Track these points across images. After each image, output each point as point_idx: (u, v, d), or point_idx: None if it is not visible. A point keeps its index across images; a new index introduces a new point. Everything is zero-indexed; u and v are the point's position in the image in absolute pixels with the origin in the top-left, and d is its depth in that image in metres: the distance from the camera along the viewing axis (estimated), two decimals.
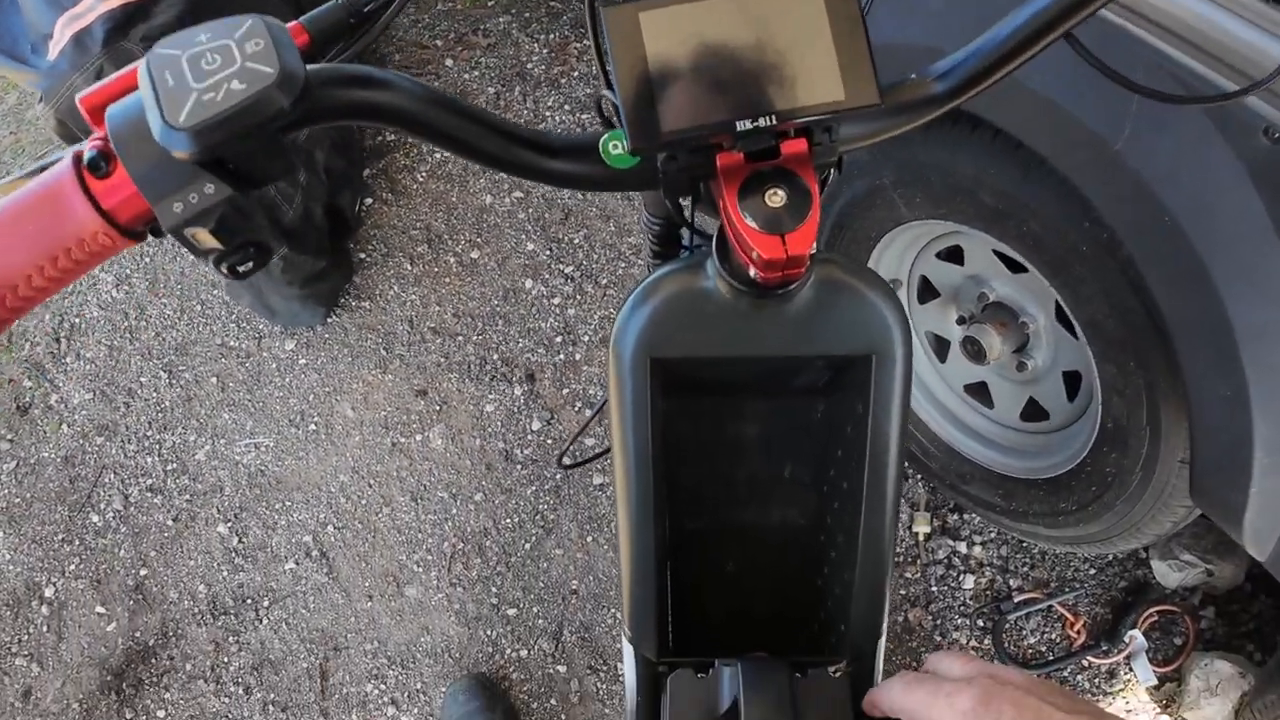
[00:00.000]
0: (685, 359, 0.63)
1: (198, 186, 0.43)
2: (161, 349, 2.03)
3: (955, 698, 0.49)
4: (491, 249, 2.06)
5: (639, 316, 0.63)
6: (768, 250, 0.51)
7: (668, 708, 0.65)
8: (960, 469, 1.51)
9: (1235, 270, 0.81)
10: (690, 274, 0.62)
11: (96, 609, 1.80)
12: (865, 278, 0.63)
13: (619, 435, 0.65)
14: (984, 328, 1.32)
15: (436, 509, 1.80)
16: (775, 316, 0.61)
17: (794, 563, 0.78)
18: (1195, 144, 0.80)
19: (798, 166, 0.50)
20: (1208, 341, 0.86)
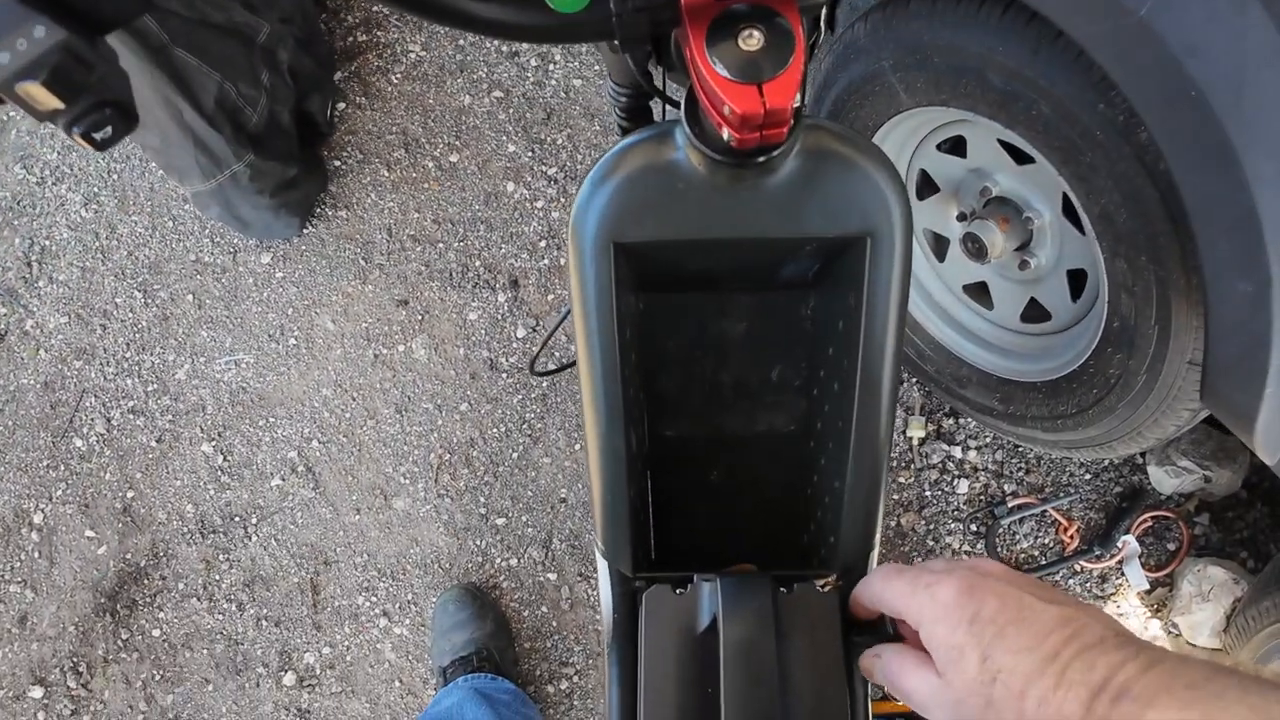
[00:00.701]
0: (653, 243, 0.56)
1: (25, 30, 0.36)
2: (135, 268, 1.96)
3: (936, 589, 0.47)
4: (471, 152, 1.96)
5: (600, 196, 0.55)
6: (742, 103, 0.43)
7: (644, 626, 0.61)
8: (957, 372, 1.46)
9: (1266, 154, 0.73)
10: (657, 145, 0.55)
11: (86, 533, 1.79)
12: (860, 147, 0.55)
13: (582, 332, 0.59)
14: (986, 224, 1.25)
15: (422, 420, 1.76)
16: (755, 191, 0.54)
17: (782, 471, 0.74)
18: (1229, 11, 0.71)
19: (778, 4, 0.43)
20: (1231, 232, 0.79)
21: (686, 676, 0.58)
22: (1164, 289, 0.96)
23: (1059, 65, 0.90)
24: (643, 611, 0.61)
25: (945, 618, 0.46)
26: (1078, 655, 0.42)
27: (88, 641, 1.72)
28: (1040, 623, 0.43)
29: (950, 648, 0.45)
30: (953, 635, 0.45)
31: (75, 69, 0.37)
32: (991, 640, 0.44)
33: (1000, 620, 0.44)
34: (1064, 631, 0.43)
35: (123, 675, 1.70)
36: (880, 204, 0.55)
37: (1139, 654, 0.41)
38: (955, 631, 0.45)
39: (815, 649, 0.58)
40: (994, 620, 0.44)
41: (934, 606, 0.47)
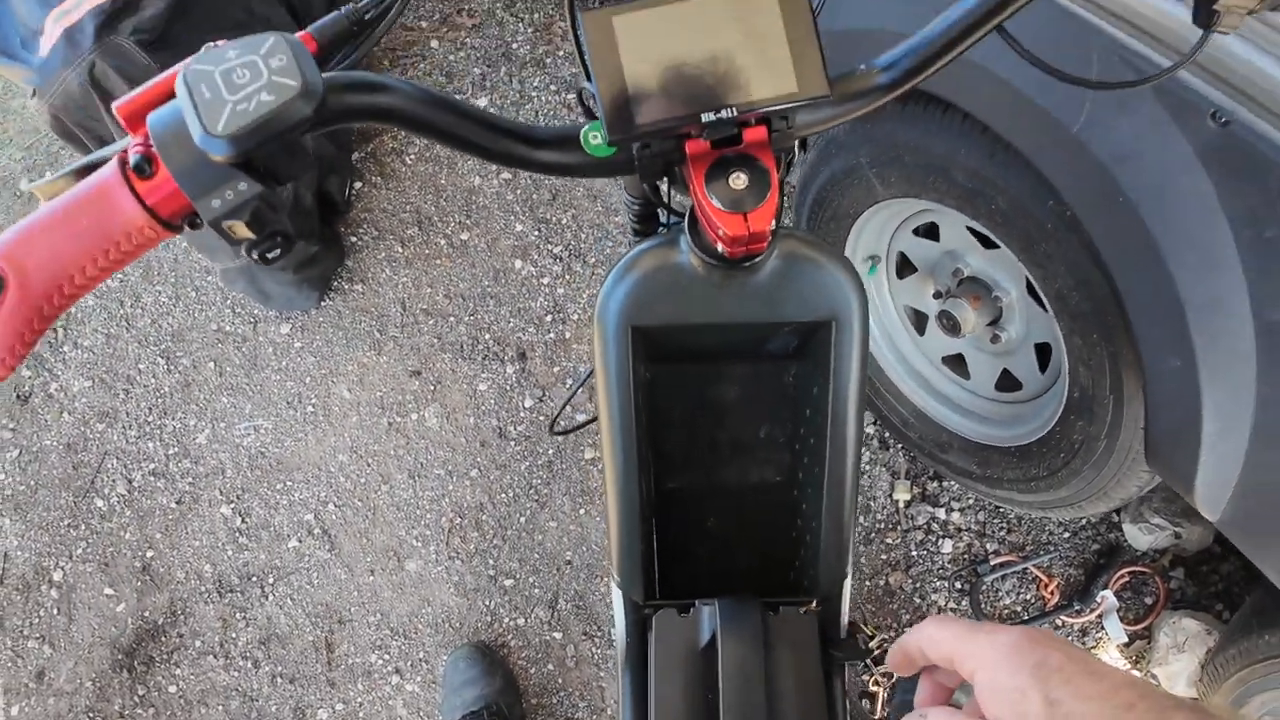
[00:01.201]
0: (663, 327, 0.69)
1: (233, 184, 0.49)
2: (158, 336, 2.06)
3: (997, 634, 0.46)
4: (481, 230, 2.09)
5: (620, 289, 0.69)
6: (732, 227, 0.56)
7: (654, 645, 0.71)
8: (939, 438, 1.56)
9: (1185, 247, 0.85)
10: (666, 249, 0.68)
11: (105, 590, 1.85)
12: (824, 250, 0.68)
13: (604, 399, 0.71)
14: (959, 302, 1.37)
15: (434, 485, 1.85)
16: (743, 286, 0.67)
17: (770, 516, 0.84)
18: (1149, 127, 0.84)
19: (758, 152, 0.55)
20: (1160, 315, 0.91)
21: (691, 686, 0.69)
22: (1115, 363, 1.07)
23: (1012, 168, 1.03)
24: (652, 633, 0.71)
25: (1006, 662, 0.45)
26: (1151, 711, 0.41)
27: (104, 697, 1.77)
28: (1110, 678, 0.43)
29: (1012, 689, 0.44)
30: (1014, 678, 0.44)
31: (265, 212, 0.50)
32: (1058, 685, 0.43)
33: (1068, 670, 0.43)
34: (1135, 690, 0.42)
35: None
36: (842, 295, 0.68)
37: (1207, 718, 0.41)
38: (1017, 675, 0.44)
39: (798, 663, 0.69)
40: (1061, 670, 0.44)
41: (994, 650, 0.46)
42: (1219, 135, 0.79)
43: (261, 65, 0.47)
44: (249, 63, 0.47)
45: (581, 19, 0.53)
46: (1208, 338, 0.86)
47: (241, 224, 0.50)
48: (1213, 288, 0.85)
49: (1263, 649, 1.17)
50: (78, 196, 0.50)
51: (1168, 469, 1.02)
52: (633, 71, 0.53)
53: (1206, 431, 0.90)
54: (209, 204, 0.49)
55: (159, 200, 0.50)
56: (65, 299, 0.50)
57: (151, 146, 0.49)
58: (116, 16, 1.54)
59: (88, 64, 1.53)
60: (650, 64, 0.53)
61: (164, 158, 0.48)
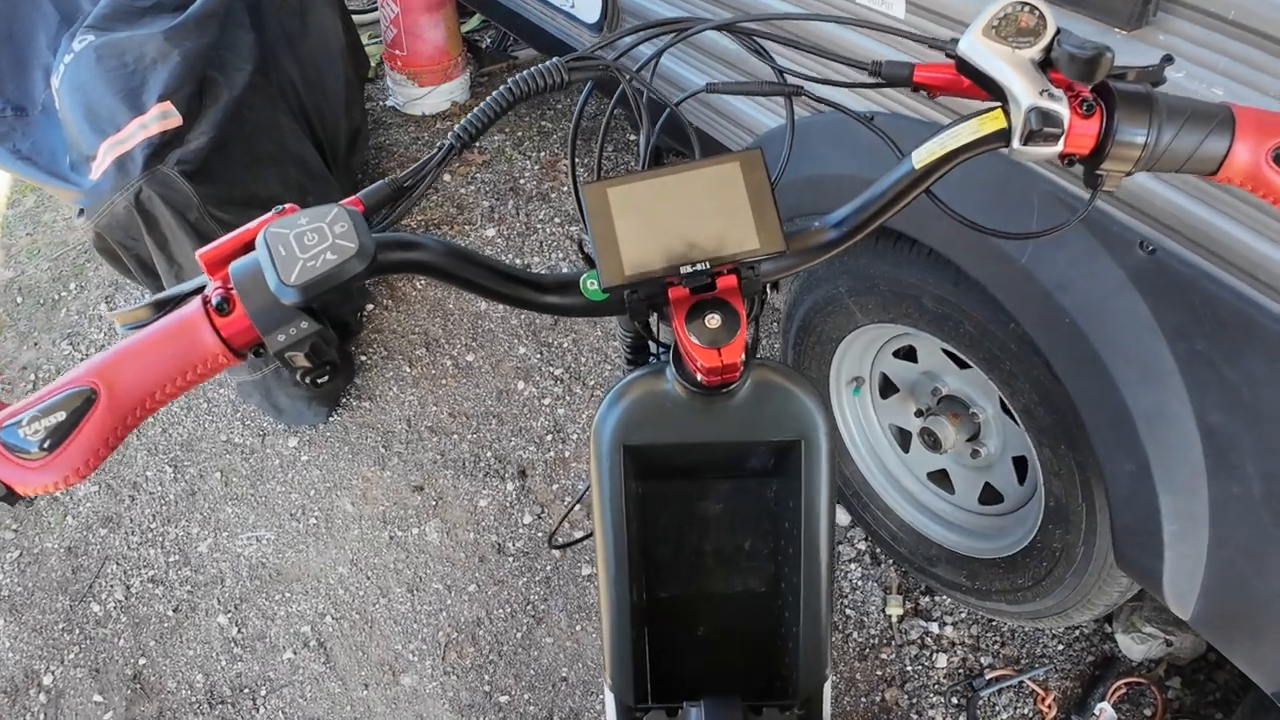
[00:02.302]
0: (651, 445, 0.78)
1: (297, 322, 0.58)
2: (168, 444, 2.13)
3: None
4: (486, 352, 2.20)
5: (614, 412, 0.78)
6: (708, 360, 0.66)
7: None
8: (927, 552, 1.61)
9: (1127, 362, 0.95)
10: (654, 378, 0.78)
11: (94, 698, 1.84)
12: (792, 377, 0.78)
13: (599, 511, 0.79)
14: (939, 419, 1.45)
15: (432, 600, 1.87)
16: (721, 410, 0.76)
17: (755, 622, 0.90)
18: (1085, 257, 0.95)
19: (730, 296, 0.66)
20: (1111, 424, 0.99)
21: None
22: (1084, 472, 1.14)
23: (974, 295, 1.13)
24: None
25: None
26: None
27: None
28: None
29: None
30: None
31: (322, 345, 0.59)
32: None
33: None
34: None
35: None
36: (809, 417, 0.77)
37: None
38: None
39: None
40: None
41: None
42: (1148, 262, 0.90)
43: (328, 230, 0.58)
44: (317, 228, 0.58)
45: (582, 191, 0.66)
46: (1157, 443, 0.94)
47: (301, 355, 0.59)
48: (1156, 396, 0.93)
49: None
50: (166, 327, 0.59)
51: (1137, 570, 1.08)
52: (624, 232, 0.64)
53: (1167, 532, 0.97)
54: (276, 338, 0.58)
55: (234, 334, 0.58)
56: (145, 413, 0.59)
57: (232, 289, 0.58)
58: (165, 148, 1.69)
59: (135, 189, 1.67)
60: (639, 226, 0.65)
61: (243, 299, 0.58)
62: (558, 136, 2.78)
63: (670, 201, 0.65)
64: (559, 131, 2.81)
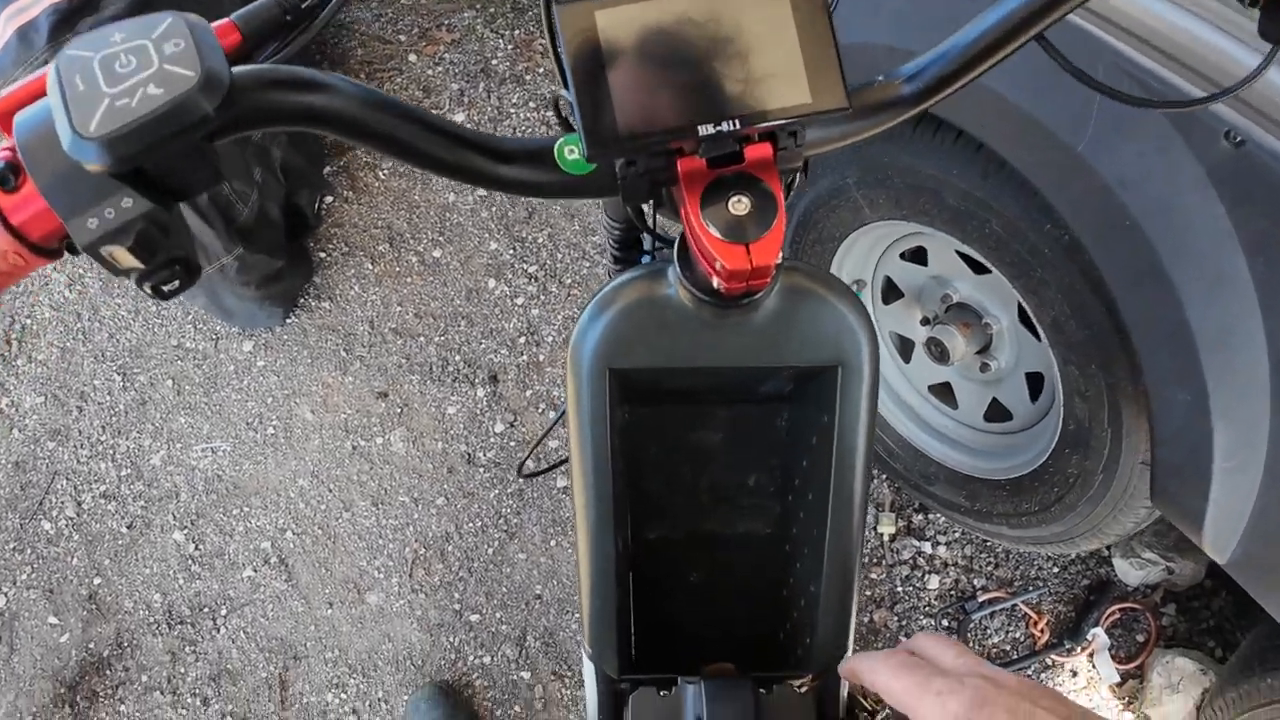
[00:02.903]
0: (645, 370, 0.61)
1: (113, 201, 0.39)
2: (116, 351, 1.97)
3: (947, 698, 0.46)
4: (454, 248, 2.03)
5: (597, 326, 0.61)
6: (731, 260, 0.48)
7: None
8: (925, 470, 1.51)
9: (1195, 274, 0.81)
10: (650, 282, 0.60)
11: (49, 619, 1.75)
12: (831, 286, 0.61)
13: (577, 447, 0.64)
14: (947, 329, 1.32)
15: (398, 514, 1.77)
16: (738, 327, 0.59)
17: (759, 573, 0.77)
18: (1157, 147, 0.79)
19: (762, 172, 0.48)
20: (1168, 346, 0.86)
21: None
22: (1114, 394, 1.02)
23: (1007, 189, 0.98)
24: (630, 714, 0.63)
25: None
26: None
27: None
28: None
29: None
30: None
31: (155, 235, 0.41)
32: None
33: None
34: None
35: None
36: (850, 337, 0.60)
37: None
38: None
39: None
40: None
41: (943, 716, 0.46)
42: (1233, 156, 0.75)
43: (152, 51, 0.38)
44: (137, 48, 0.38)
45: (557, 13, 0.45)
46: (1220, 369, 0.81)
47: (124, 249, 0.40)
48: (1225, 316, 0.80)
49: (1265, 692, 1.12)
50: None
51: (1174, 509, 0.97)
52: (617, 75, 0.45)
53: (1218, 469, 0.85)
54: (83, 225, 0.39)
55: (25, 220, 0.41)
56: None
57: (16, 154, 0.40)
58: (74, 15, 1.47)
59: (40, 63, 1.45)
60: (638, 67, 0.45)
61: (29, 166, 0.40)
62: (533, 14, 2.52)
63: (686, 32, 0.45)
64: (535, 7, 2.55)
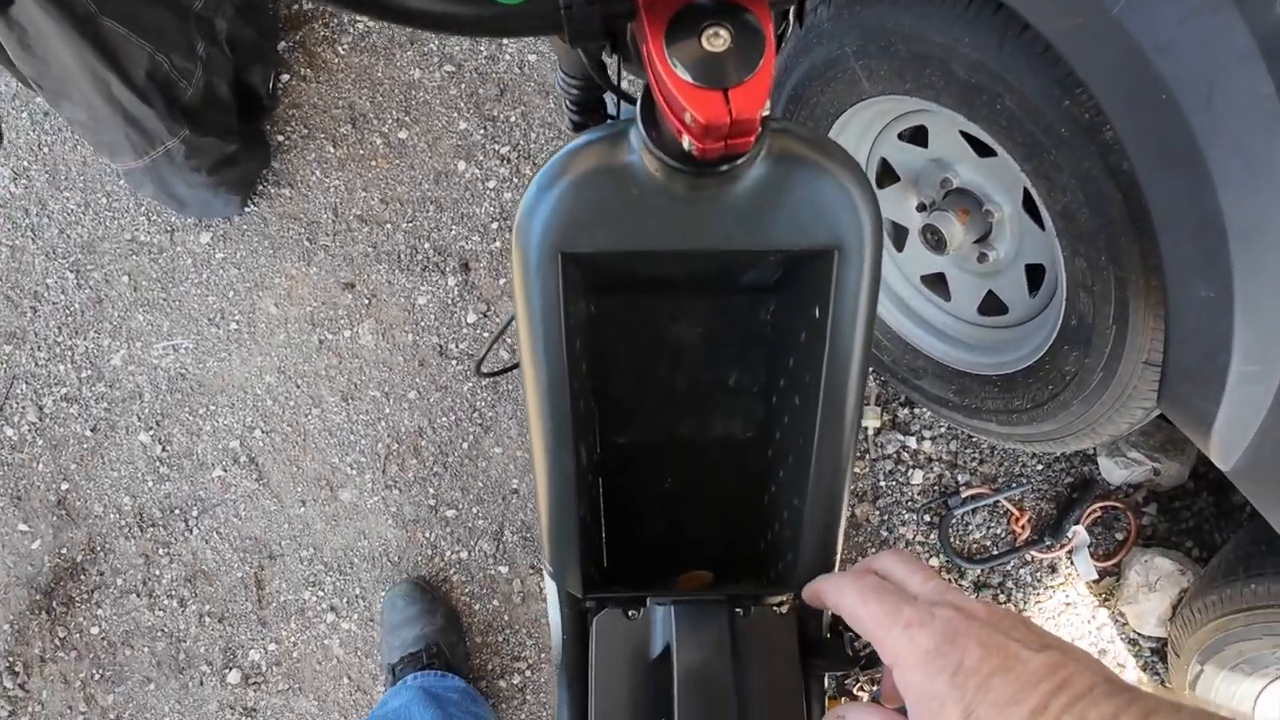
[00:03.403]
0: (603, 254, 0.52)
1: None
2: (67, 247, 1.86)
3: (916, 631, 0.45)
4: (421, 129, 1.89)
5: (547, 202, 0.51)
6: (706, 111, 0.39)
7: (594, 652, 0.58)
8: (913, 363, 1.45)
9: (1233, 157, 0.72)
10: (610, 147, 0.51)
11: (19, 527, 1.71)
12: (829, 153, 0.51)
13: (527, 345, 0.55)
14: (945, 215, 1.23)
15: (369, 409, 1.71)
16: (715, 201, 0.50)
17: (738, 479, 0.71)
18: (1203, 11, 0.69)
19: None
20: (1195, 236, 0.78)
21: (640, 705, 0.56)
22: (1123, 289, 0.95)
23: (1025, 59, 0.87)
24: (593, 637, 0.58)
25: (924, 665, 0.44)
26: (1067, 708, 0.40)
27: (23, 640, 1.65)
28: (1027, 673, 0.41)
29: (930, 699, 0.43)
30: (931, 685, 0.43)
31: None
32: (975, 693, 0.42)
33: (984, 671, 0.42)
34: (1052, 681, 0.41)
35: (60, 675, 1.63)
36: (850, 215, 0.51)
37: (1132, 703, 0.39)
38: (934, 682, 0.43)
39: (773, 676, 0.56)
40: (977, 670, 0.42)
41: (912, 651, 0.45)
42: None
43: None
44: None
45: None
46: (1249, 264, 0.74)
47: None
48: (1261, 207, 0.72)
49: (1247, 598, 1.10)
50: None
51: (1182, 412, 0.92)
52: None
53: (1235, 372, 0.79)
54: None
55: None
56: None
57: None
58: None
59: None
60: None
61: None
62: None
63: None
64: None
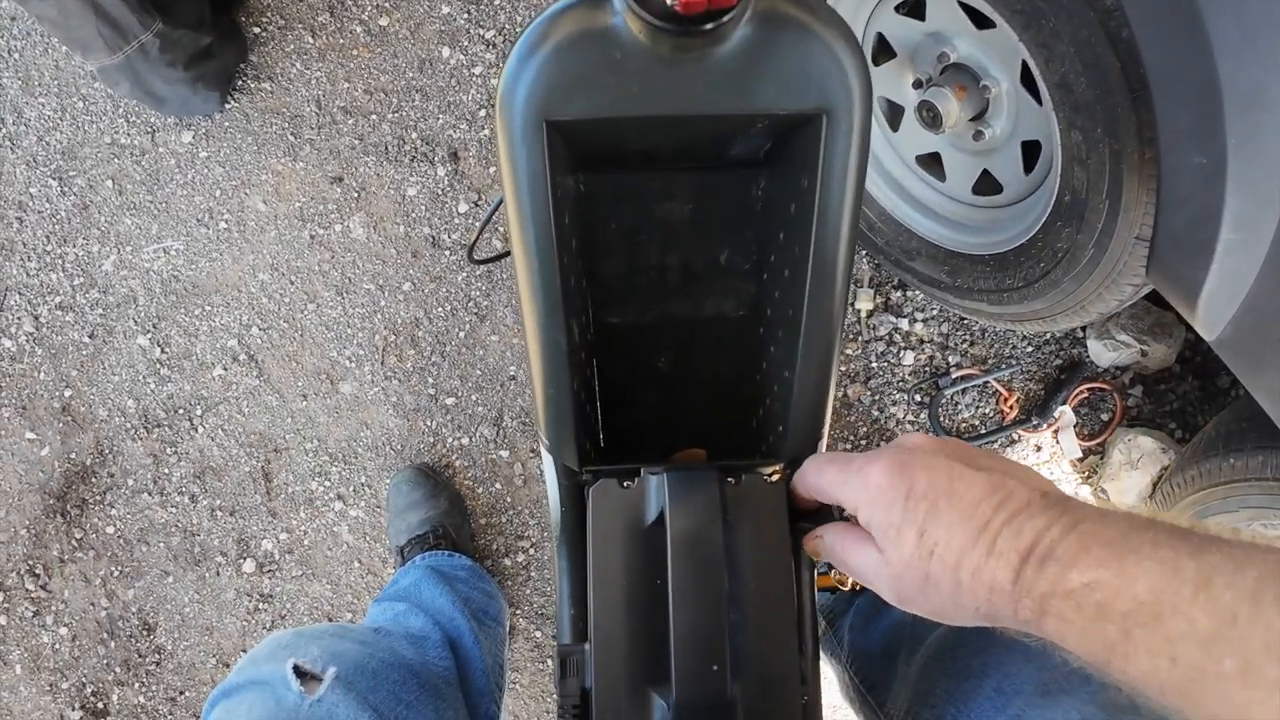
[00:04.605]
0: (590, 121, 0.52)
1: None
2: (47, 155, 1.82)
3: (867, 471, 0.49)
4: (402, 14, 1.82)
5: (529, 69, 0.51)
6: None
7: (592, 521, 0.61)
8: (907, 244, 1.45)
9: (1232, 23, 0.70)
10: (592, 9, 0.50)
11: (26, 435, 1.74)
12: (818, 14, 0.51)
13: (515, 219, 0.56)
14: (942, 91, 1.21)
15: (364, 302, 1.72)
16: (701, 63, 0.50)
17: (730, 357, 0.73)
18: None
19: None
20: (1190, 102, 0.77)
21: (635, 569, 0.59)
22: (1117, 163, 0.94)
23: None
24: (590, 506, 0.61)
25: (880, 499, 0.47)
26: (1006, 523, 0.43)
27: (41, 544, 1.71)
28: (970, 493, 0.44)
29: (888, 526, 0.47)
30: (889, 514, 0.47)
31: None
32: (926, 516, 0.45)
33: (932, 495, 0.45)
34: (993, 499, 0.44)
35: (80, 574, 1.70)
36: (839, 77, 0.51)
37: (1063, 514, 0.42)
38: (891, 511, 0.46)
39: (762, 539, 0.59)
40: (926, 495, 0.45)
41: (868, 490, 0.48)
42: None
43: None
44: None
45: None
46: (1244, 130, 0.73)
47: None
48: (1258, 73, 0.71)
49: (1226, 472, 1.14)
50: None
51: (1170, 280, 0.93)
52: None
53: (1223, 241, 0.80)
54: None
55: None
56: None
57: None
58: None
59: None
60: None
61: None
62: None
63: None
64: None
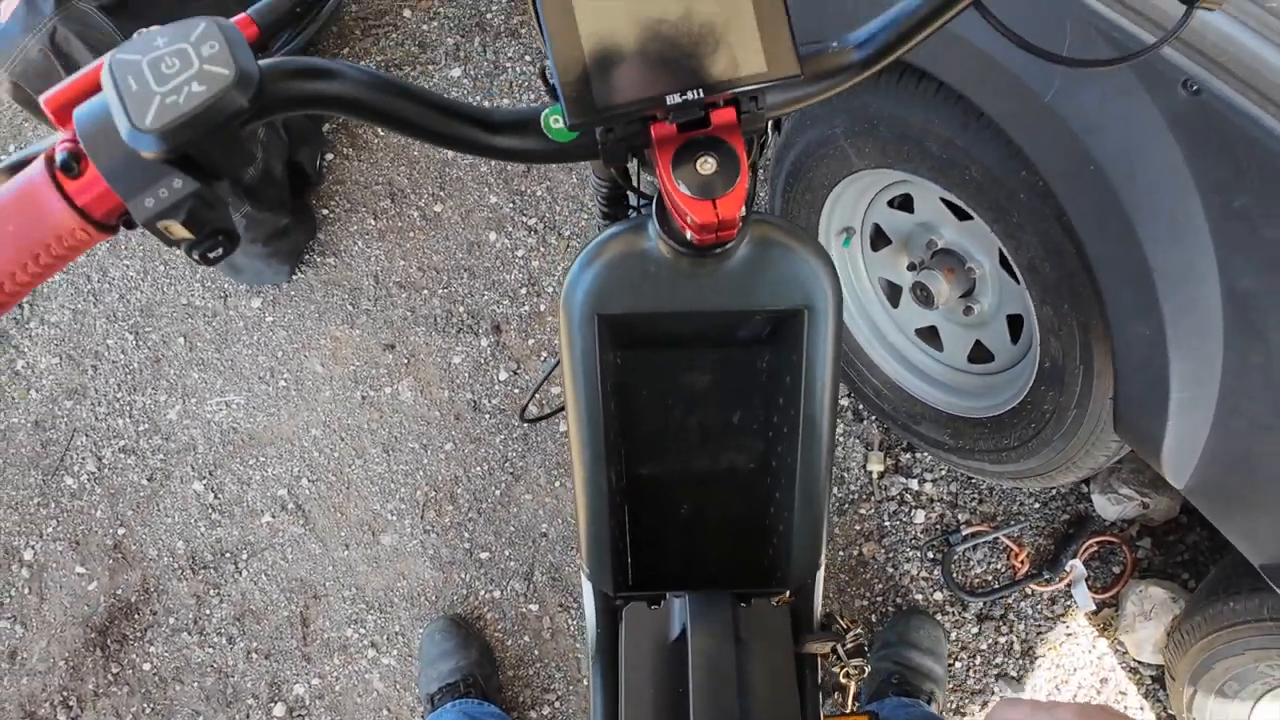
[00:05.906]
0: (630, 315, 0.68)
1: (166, 182, 0.46)
2: (127, 311, 2.03)
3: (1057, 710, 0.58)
4: (454, 202, 2.07)
5: (586, 276, 0.68)
6: (700, 214, 0.55)
7: (624, 638, 0.71)
8: (912, 409, 1.57)
9: (1154, 216, 0.86)
10: (633, 235, 0.67)
11: (76, 569, 1.83)
12: (797, 236, 0.67)
13: (571, 388, 0.71)
14: (933, 273, 1.37)
15: (408, 459, 1.84)
16: (713, 274, 0.66)
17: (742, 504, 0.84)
18: (1119, 96, 0.84)
19: (727, 134, 0.54)
20: (1129, 283, 0.91)
21: (661, 680, 0.69)
22: (1085, 333, 1.08)
23: (985, 138, 1.02)
24: (623, 626, 0.71)
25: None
26: None
27: (78, 676, 1.76)
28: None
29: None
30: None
31: (203, 210, 0.47)
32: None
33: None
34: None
35: (113, 709, 1.73)
36: (815, 282, 0.67)
37: None
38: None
39: (769, 654, 0.69)
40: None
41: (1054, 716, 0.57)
42: (1190, 104, 0.79)
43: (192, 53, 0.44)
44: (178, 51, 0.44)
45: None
46: (1176, 305, 0.87)
47: (178, 224, 0.47)
48: (1182, 256, 0.85)
49: (1228, 615, 1.20)
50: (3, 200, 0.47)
51: (1135, 437, 1.04)
52: (592, 49, 0.50)
53: (1174, 399, 0.92)
54: (141, 203, 0.46)
55: (90, 201, 0.47)
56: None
57: (79, 144, 0.46)
58: None
59: (48, 30, 1.48)
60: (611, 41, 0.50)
61: (92, 155, 0.46)
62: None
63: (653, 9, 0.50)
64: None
